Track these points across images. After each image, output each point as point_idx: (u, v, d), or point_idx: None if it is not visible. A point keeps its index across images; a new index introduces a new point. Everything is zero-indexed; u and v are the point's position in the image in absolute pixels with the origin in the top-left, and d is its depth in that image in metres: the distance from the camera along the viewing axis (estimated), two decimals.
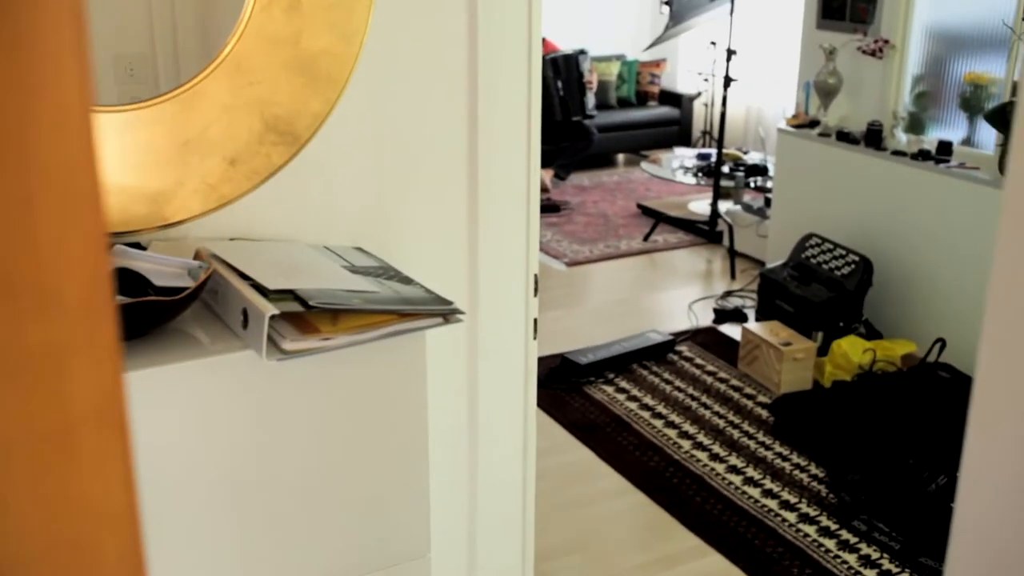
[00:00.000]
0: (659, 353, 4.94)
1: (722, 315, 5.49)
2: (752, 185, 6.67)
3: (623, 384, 4.64)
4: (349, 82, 1.74)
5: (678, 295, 5.84)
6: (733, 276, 6.11)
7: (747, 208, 6.45)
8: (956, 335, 4.63)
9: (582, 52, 8.12)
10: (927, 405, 4.31)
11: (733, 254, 6.22)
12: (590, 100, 8.18)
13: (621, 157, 9.08)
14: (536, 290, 2.09)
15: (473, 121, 1.91)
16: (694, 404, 4.47)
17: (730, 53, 6.20)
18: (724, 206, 6.73)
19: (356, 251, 1.83)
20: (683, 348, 5.06)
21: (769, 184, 6.59)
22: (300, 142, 1.74)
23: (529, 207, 2.03)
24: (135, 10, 1.74)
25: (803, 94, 5.60)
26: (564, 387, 4.58)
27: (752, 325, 4.82)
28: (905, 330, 4.92)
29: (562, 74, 8.01)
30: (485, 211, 1.97)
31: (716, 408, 4.44)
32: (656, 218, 6.98)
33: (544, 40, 8.11)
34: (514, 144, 1.97)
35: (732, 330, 5.32)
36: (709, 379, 4.72)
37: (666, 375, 4.75)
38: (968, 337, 4.60)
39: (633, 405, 4.44)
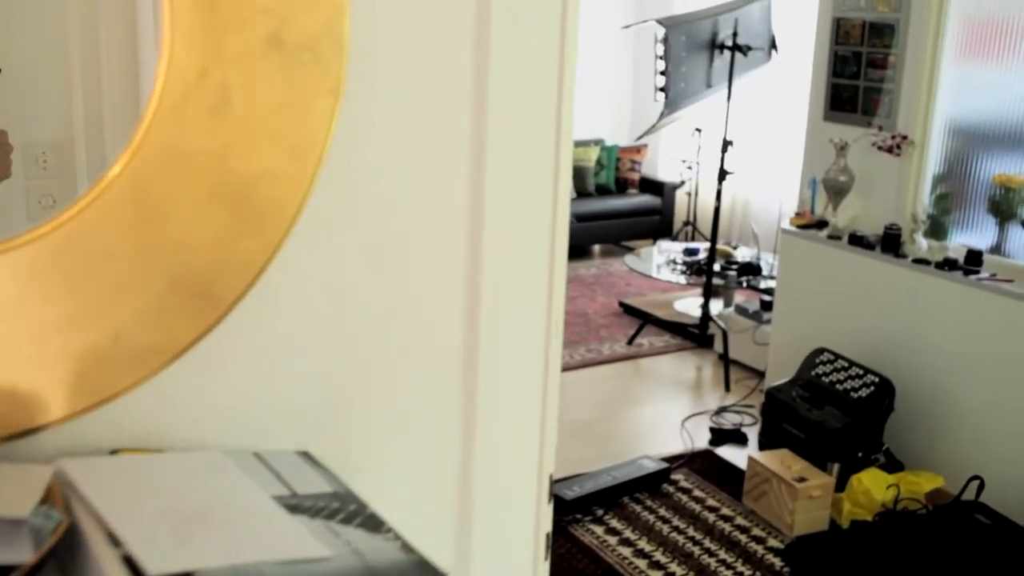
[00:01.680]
0: (653, 483, 4.35)
1: (719, 435, 4.92)
2: (744, 285, 6.15)
3: (614, 523, 4.04)
4: (301, 216, 1.17)
5: (669, 410, 5.27)
6: (728, 388, 5.55)
7: (741, 311, 5.92)
8: (992, 471, 4.08)
9: None
10: (967, 555, 3.75)
11: (727, 363, 5.67)
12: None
13: (598, 248, 8.56)
14: (551, 496, 1.51)
15: (475, 268, 1.34)
16: (696, 550, 3.87)
17: (726, 144, 5.71)
18: (715, 307, 6.20)
19: (301, 460, 1.24)
20: (679, 476, 4.47)
21: (762, 284, 6.08)
22: (223, 306, 1.16)
23: (547, 384, 1.46)
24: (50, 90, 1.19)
25: (808, 191, 5.11)
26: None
27: (759, 455, 4.25)
28: (930, 461, 4.37)
29: None
30: (485, 393, 1.39)
31: (722, 555, 3.85)
32: (642, 319, 6.44)
33: None
34: (529, 297, 1.41)
35: (732, 454, 4.75)
36: (711, 516, 4.13)
37: (662, 511, 4.15)
38: (1006, 474, 4.06)
39: (627, 551, 3.84)
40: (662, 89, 5.74)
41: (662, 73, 5.69)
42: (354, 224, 1.24)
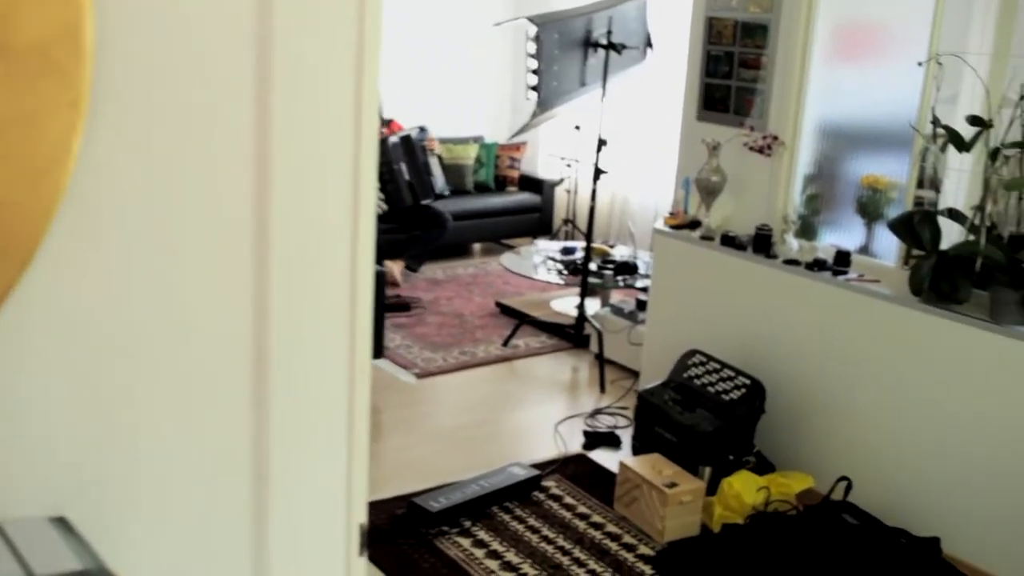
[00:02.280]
0: (523, 492, 4.24)
1: (593, 439, 4.84)
2: (621, 284, 6.09)
3: (482, 535, 3.92)
4: (38, 252, 1.01)
5: (542, 413, 5.17)
6: (603, 389, 5.48)
7: (617, 311, 5.86)
8: (860, 471, 4.08)
9: (422, 129, 7.52)
10: (835, 555, 3.72)
11: (602, 364, 5.59)
12: (438, 180, 7.55)
13: (478, 246, 8.44)
14: (364, 546, 1.37)
15: (262, 303, 1.19)
16: (566, 560, 3.78)
17: (601, 143, 5.63)
18: (591, 307, 6.13)
19: (52, 529, 1.08)
20: (550, 483, 4.37)
21: (639, 283, 6.03)
22: None
23: (353, 423, 1.32)
24: None
25: (682, 191, 5.05)
26: (412, 541, 3.83)
27: (630, 460, 4.17)
28: (800, 462, 4.35)
29: (407, 156, 7.36)
30: (278, 439, 1.25)
31: (592, 565, 3.76)
32: (518, 319, 6.34)
33: (391, 122, 7.48)
34: (328, 336, 1.26)
35: (605, 458, 4.67)
36: (581, 524, 4.04)
37: (532, 521, 4.05)
38: (873, 474, 4.06)
39: (494, 564, 3.73)
40: (534, 88, 5.63)
41: (534, 72, 5.58)
42: (109, 260, 1.09)
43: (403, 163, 7.32)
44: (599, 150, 5.64)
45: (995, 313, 3.68)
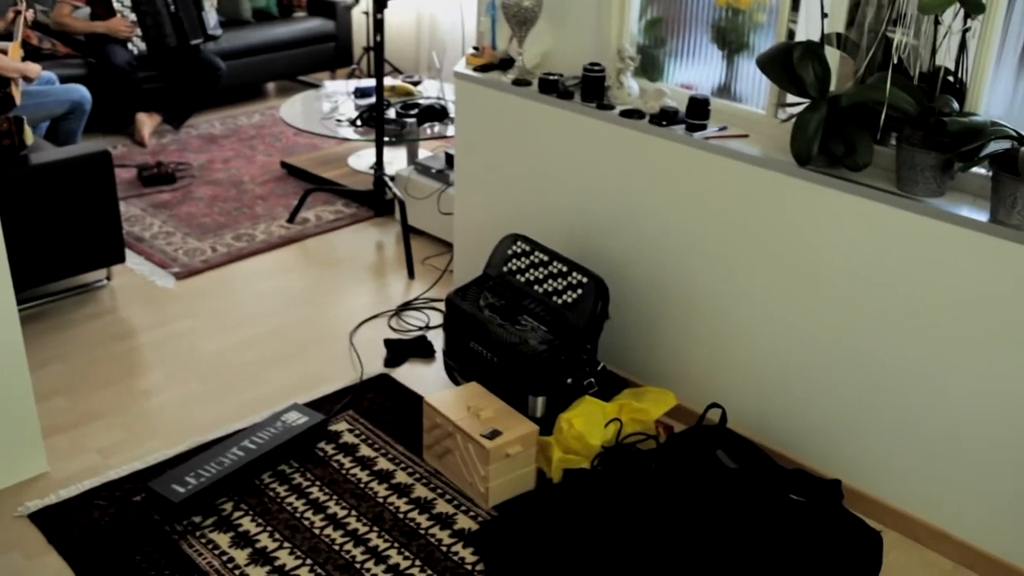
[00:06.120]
0: (305, 445, 3.22)
1: (398, 350, 3.82)
2: (429, 133, 4.96)
3: (245, 524, 2.90)
4: None
5: (336, 316, 4.10)
6: (411, 274, 4.42)
7: (423, 170, 4.74)
8: (735, 383, 3.18)
9: None
10: (705, 511, 2.84)
11: (408, 243, 4.50)
12: (211, 16, 6.17)
13: (272, 87, 7.12)
14: None
15: None
16: (359, 552, 2.80)
17: None
18: (393, 163, 5.01)
19: None
20: (342, 425, 3.36)
21: (450, 131, 4.91)
22: None
23: None
24: None
25: (487, 19, 3.90)
26: (149, 548, 2.79)
27: (437, 398, 3.16)
28: (658, 375, 3.42)
29: None
30: None
31: (394, 557, 2.79)
32: (309, 182, 5.18)
33: None
34: None
35: (415, 376, 3.68)
36: (382, 490, 3.06)
37: (314, 492, 3.04)
38: (753, 387, 3.16)
39: (260, 573, 2.72)
40: None
41: None
42: None
43: None
44: None
45: (904, 181, 2.73)
